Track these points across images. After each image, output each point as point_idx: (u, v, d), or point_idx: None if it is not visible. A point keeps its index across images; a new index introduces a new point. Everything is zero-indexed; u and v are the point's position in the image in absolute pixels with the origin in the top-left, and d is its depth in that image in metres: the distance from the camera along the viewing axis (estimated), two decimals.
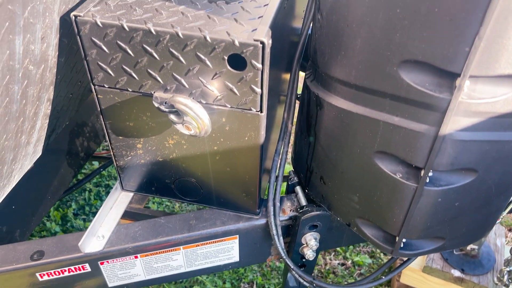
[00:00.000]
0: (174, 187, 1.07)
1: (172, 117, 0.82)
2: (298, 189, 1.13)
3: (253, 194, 1.02)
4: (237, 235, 1.08)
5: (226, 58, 0.76)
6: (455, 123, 0.68)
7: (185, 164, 1.00)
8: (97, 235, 1.03)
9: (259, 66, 0.75)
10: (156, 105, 0.82)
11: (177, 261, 1.10)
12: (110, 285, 1.11)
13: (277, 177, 1.07)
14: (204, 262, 1.12)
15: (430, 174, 0.76)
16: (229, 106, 0.83)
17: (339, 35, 0.75)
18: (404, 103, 0.71)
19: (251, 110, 0.83)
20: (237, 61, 0.76)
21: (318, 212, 1.02)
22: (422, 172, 0.77)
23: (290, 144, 1.48)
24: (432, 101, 0.68)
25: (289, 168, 2.18)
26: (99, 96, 0.90)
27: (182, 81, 0.81)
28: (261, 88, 0.79)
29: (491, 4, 0.55)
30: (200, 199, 1.09)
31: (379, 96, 0.74)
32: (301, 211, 1.06)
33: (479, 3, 0.56)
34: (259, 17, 0.78)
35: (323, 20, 0.79)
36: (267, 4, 0.83)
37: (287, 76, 1.18)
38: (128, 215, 1.34)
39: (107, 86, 0.87)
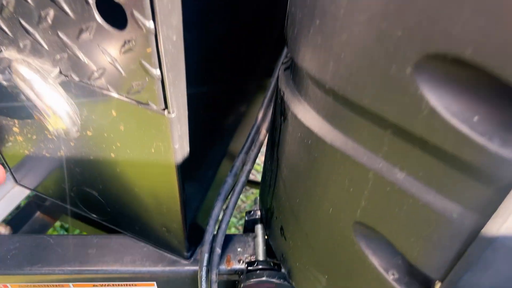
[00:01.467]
0: (75, 196, 0.75)
1: (22, 95, 0.49)
2: (259, 229, 0.77)
3: (176, 231, 0.68)
4: (154, 282, 0.75)
5: (91, 1, 0.41)
6: None
7: (79, 169, 0.67)
8: None
9: (148, 24, 0.39)
10: None
11: None
12: None
13: (226, 208, 0.73)
14: None
15: None
16: (116, 93, 0.49)
17: None
18: (421, 147, 0.34)
19: (148, 105, 0.48)
20: (115, 10, 0.41)
21: (271, 279, 0.67)
22: (438, 286, 0.39)
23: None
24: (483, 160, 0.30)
25: None
26: None
27: (36, 36, 0.47)
28: (160, 69, 0.43)
29: None
30: (109, 219, 0.76)
31: (374, 123, 0.37)
32: (248, 268, 0.71)
33: None
34: None
35: None
36: None
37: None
38: (48, 210, 1.05)
39: None
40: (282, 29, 0.52)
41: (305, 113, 0.46)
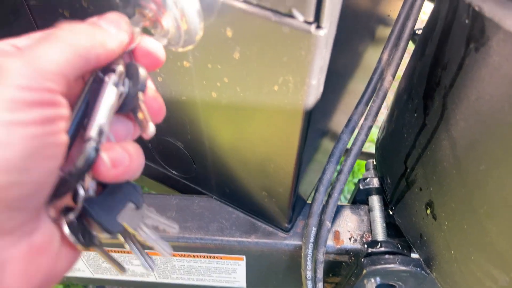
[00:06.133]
0: (153, 148, 0.64)
1: None
2: (375, 201, 0.63)
3: (280, 197, 0.55)
4: (244, 256, 0.64)
5: None
6: None
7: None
8: None
9: None
10: None
11: (141, 267, 0.69)
12: None
13: (339, 173, 0.59)
14: (186, 277, 0.71)
15: None
16: (240, 0, 0.35)
17: None
18: None
19: (290, 16, 0.33)
20: None
21: (402, 267, 0.53)
22: None
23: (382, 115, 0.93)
24: None
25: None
26: None
27: None
28: None
29: None
30: (193, 177, 0.65)
31: None
32: (368, 251, 0.57)
33: None
34: None
35: None
36: None
37: None
38: None
39: None
40: None
41: None
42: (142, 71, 0.32)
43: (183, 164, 0.62)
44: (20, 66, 0.24)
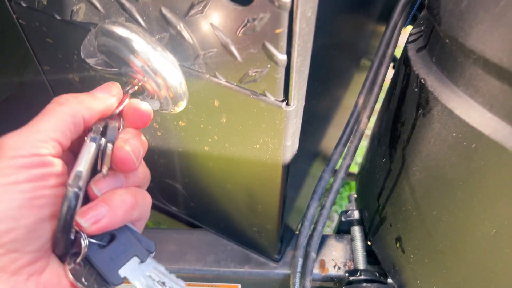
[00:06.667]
0: (154, 187, 0.71)
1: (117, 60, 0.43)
2: (356, 231, 0.70)
3: (269, 233, 0.62)
4: (239, 285, 0.70)
5: None
6: None
7: (163, 160, 0.62)
8: None
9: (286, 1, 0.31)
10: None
11: None
12: None
13: (322, 208, 0.65)
14: None
15: None
16: (224, 81, 0.42)
17: None
18: None
19: (264, 96, 0.41)
20: None
21: None
22: None
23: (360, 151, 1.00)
24: None
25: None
26: (20, 21, 0.53)
27: (133, 13, 0.41)
28: (289, 53, 0.36)
29: None
30: (191, 213, 0.72)
31: None
32: (349, 278, 0.64)
33: None
34: None
35: None
36: None
37: (379, 29, 0.73)
38: None
39: (25, 5, 0.50)
40: None
41: (468, 110, 0.37)
42: (111, 126, 0.36)
43: (181, 202, 0.69)
44: (15, 140, 0.31)
